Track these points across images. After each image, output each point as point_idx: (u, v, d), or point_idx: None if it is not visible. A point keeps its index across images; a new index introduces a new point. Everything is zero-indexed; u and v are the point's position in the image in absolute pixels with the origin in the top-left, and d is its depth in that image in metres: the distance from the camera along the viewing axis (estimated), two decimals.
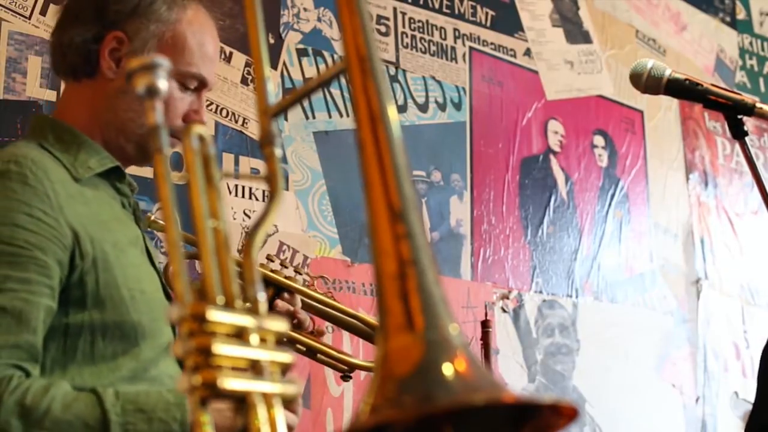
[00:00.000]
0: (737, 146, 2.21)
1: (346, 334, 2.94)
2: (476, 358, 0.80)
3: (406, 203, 0.87)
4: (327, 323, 2.31)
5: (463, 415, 0.82)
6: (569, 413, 0.82)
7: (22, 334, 1.63)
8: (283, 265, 2.18)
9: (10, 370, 1.60)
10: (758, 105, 2.16)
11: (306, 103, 3.36)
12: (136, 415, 1.61)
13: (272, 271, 2.12)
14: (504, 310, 3.67)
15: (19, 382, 1.60)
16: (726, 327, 4.38)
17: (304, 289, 2.16)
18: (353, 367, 2.21)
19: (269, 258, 2.17)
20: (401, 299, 0.82)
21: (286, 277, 2.13)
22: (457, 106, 3.76)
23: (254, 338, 0.89)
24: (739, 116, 2.15)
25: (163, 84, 0.90)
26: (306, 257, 3.25)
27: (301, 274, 2.23)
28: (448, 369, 0.77)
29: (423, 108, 3.67)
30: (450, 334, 0.81)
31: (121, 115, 1.89)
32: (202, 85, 1.96)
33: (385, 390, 0.78)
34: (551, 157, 4.02)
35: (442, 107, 3.72)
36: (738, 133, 2.16)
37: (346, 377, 2.24)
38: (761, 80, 5.01)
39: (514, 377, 3.61)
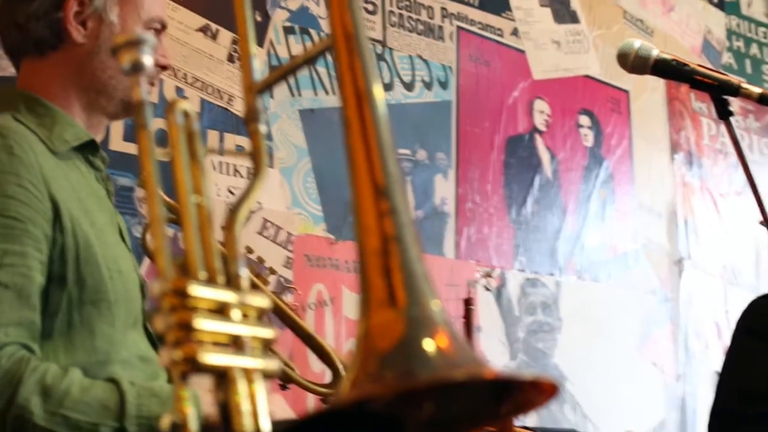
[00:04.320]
0: (722, 127, 2.21)
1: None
2: (458, 334, 0.80)
3: (390, 180, 0.87)
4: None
5: (444, 391, 0.83)
6: (549, 390, 0.82)
7: (24, 310, 1.61)
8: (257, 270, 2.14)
9: (22, 351, 1.59)
10: (743, 86, 2.16)
11: (292, 81, 3.36)
12: (151, 399, 1.60)
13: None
14: (487, 288, 3.68)
15: (38, 362, 1.58)
16: (708, 306, 4.40)
17: (280, 303, 2.16)
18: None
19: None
20: (384, 275, 0.82)
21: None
22: (444, 85, 3.76)
23: (236, 314, 0.89)
24: (725, 97, 2.16)
25: (148, 60, 0.90)
26: (290, 234, 3.25)
27: (274, 273, 2.21)
28: (429, 345, 0.77)
29: (409, 87, 3.66)
30: (432, 310, 0.81)
31: (99, 76, 1.86)
32: (162, 27, 1.95)
33: (366, 365, 0.78)
34: (537, 136, 4.02)
35: (428, 86, 3.72)
36: (723, 114, 2.17)
37: (284, 387, 2.19)
38: (747, 62, 5.02)
39: (496, 355, 3.62)
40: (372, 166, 0.87)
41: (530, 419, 3.61)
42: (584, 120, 4.21)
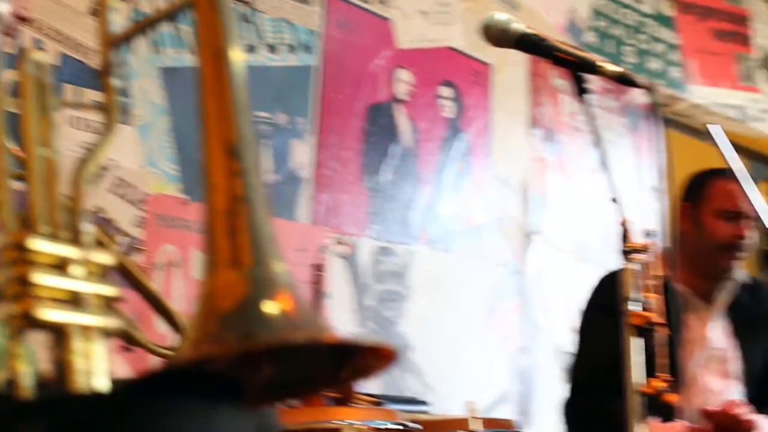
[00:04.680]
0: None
1: None
2: (301, 297, 0.80)
3: (242, 140, 0.86)
4: None
5: (284, 353, 0.83)
6: (389, 356, 0.83)
7: None
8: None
9: None
10: (600, 64, 2.21)
11: (155, 39, 3.30)
12: None
13: None
14: (339, 255, 3.68)
15: None
16: (556, 281, 4.49)
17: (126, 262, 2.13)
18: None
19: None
20: (229, 236, 0.81)
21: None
22: (308, 50, 3.74)
23: (77, 270, 0.88)
24: (582, 74, 2.21)
25: (4, 6, 0.87)
26: (145, 193, 3.20)
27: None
28: (271, 306, 0.78)
29: (274, 50, 3.64)
30: (276, 272, 0.81)
31: None
32: None
33: (206, 326, 0.78)
34: (398, 105, 4.04)
35: (293, 50, 3.70)
36: (580, 90, 2.22)
37: (127, 348, 2.14)
38: (610, 42, 5.10)
39: (345, 322, 3.63)
40: (224, 125, 0.86)
41: (372, 386, 3.64)
42: (446, 91, 4.24)
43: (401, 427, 2.68)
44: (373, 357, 0.83)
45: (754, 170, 5.99)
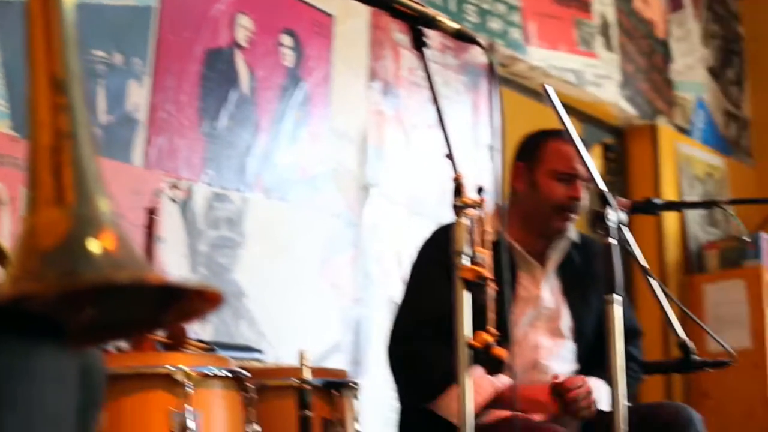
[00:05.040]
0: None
1: None
2: (126, 236, 0.79)
3: (69, 75, 0.84)
4: None
5: (108, 293, 0.81)
6: (215, 299, 0.82)
7: None
8: None
9: None
10: (440, 19, 2.23)
11: None
12: None
13: None
14: (173, 200, 3.64)
15: None
16: (390, 234, 4.52)
17: None
18: None
19: None
20: (53, 172, 0.79)
21: None
22: None
23: None
24: (421, 28, 2.22)
25: None
26: None
27: None
28: (95, 245, 0.76)
29: None
30: (101, 210, 0.79)
31: None
32: None
33: (27, 263, 0.75)
34: (237, 51, 3.99)
35: None
36: (418, 44, 2.23)
37: None
38: (452, 0, 5.12)
39: (177, 267, 3.60)
40: (51, 59, 0.84)
41: (205, 333, 3.62)
42: (287, 40, 4.21)
43: (230, 374, 2.68)
44: (199, 300, 0.83)
45: (588, 134, 6.16)
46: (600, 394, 3.06)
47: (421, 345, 2.98)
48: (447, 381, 2.77)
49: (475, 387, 2.95)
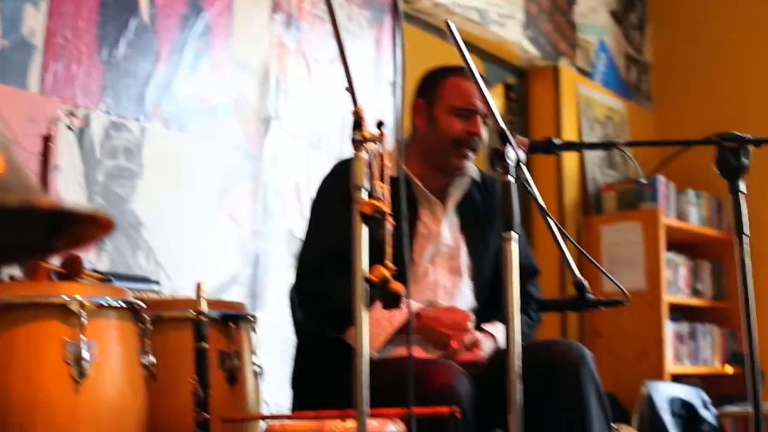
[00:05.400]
0: None
1: None
2: (16, 160, 0.77)
3: None
4: None
5: None
6: (106, 225, 0.81)
7: None
8: None
9: None
10: None
11: None
12: None
13: None
14: (69, 128, 3.57)
15: None
16: (290, 167, 4.51)
17: None
18: None
19: None
20: None
21: None
22: None
23: None
24: None
25: None
26: None
27: None
28: None
29: None
30: None
31: None
32: None
33: None
34: None
35: None
36: None
37: None
38: None
39: (73, 196, 3.54)
40: None
41: (102, 263, 3.59)
42: None
43: (126, 305, 2.66)
44: (90, 226, 0.81)
45: (490, 73, 6.17)
46: (496, 341, 3.11)
47: (328, 279, 2.98)
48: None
49: (378, 323, 2.98)
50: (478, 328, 3.19)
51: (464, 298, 3.23)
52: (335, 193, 3.08)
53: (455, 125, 3.18)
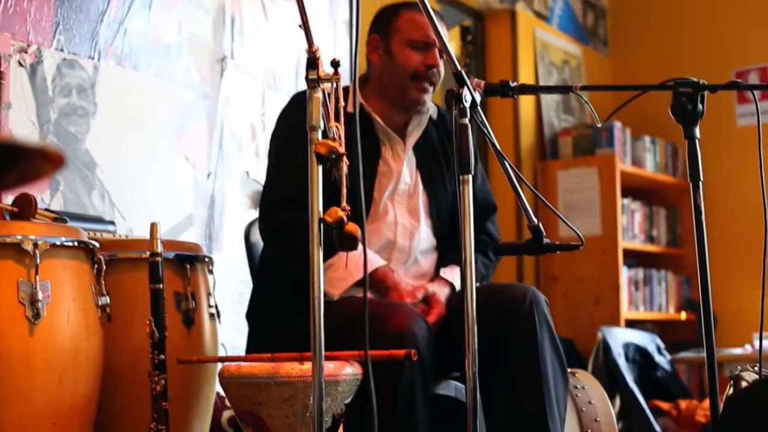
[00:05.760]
0: None
1: None
2: None
3: None
4: None
5: None
6: (56, 160, 0.79)
7: None
8: None
9: None
10: None
11: None
12: None
13: None
14: (21, 65, 3.51)
15: None
16: (245, 107, 4.47)
17: None
18: None
19: None
20: None
21: None
22: None
23: None
24: None
25: None
26: None
27: None
28: None
29: None
30: None
31: None
32: None
33: None
34: None
35: None
36: None
37: None
38: None
39: (26, 134, 3.49)
40: None
41: (56, 203, 3.55)
42: None
43: (80, 245, 2.64)
44: (40, 161, 0.80)
45: (447, 16, 6.14)
46: (454, 288, 3.12)
47: (293, 213, 2.92)
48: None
49: (347, 269, 2.98)
50: (437, 274, 3.20)
51: (422, 238, 3.22)
52: (296, 124, 3.05)
53: (413, 58, 3.16)
